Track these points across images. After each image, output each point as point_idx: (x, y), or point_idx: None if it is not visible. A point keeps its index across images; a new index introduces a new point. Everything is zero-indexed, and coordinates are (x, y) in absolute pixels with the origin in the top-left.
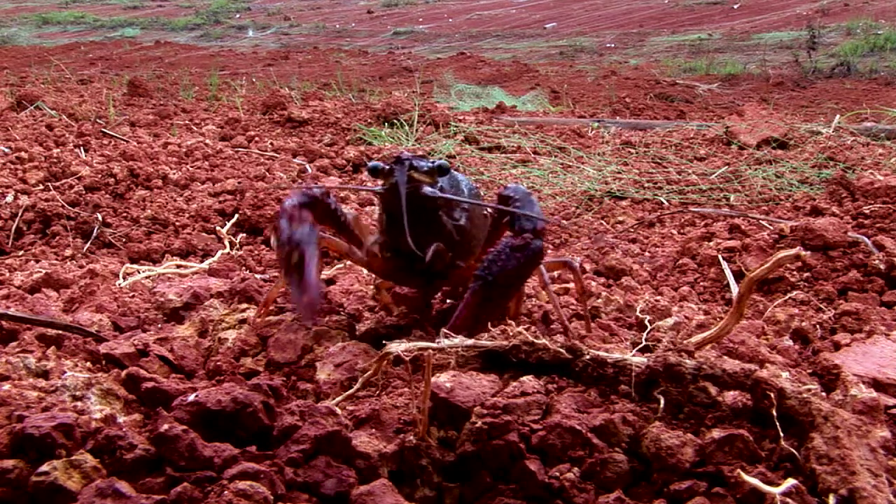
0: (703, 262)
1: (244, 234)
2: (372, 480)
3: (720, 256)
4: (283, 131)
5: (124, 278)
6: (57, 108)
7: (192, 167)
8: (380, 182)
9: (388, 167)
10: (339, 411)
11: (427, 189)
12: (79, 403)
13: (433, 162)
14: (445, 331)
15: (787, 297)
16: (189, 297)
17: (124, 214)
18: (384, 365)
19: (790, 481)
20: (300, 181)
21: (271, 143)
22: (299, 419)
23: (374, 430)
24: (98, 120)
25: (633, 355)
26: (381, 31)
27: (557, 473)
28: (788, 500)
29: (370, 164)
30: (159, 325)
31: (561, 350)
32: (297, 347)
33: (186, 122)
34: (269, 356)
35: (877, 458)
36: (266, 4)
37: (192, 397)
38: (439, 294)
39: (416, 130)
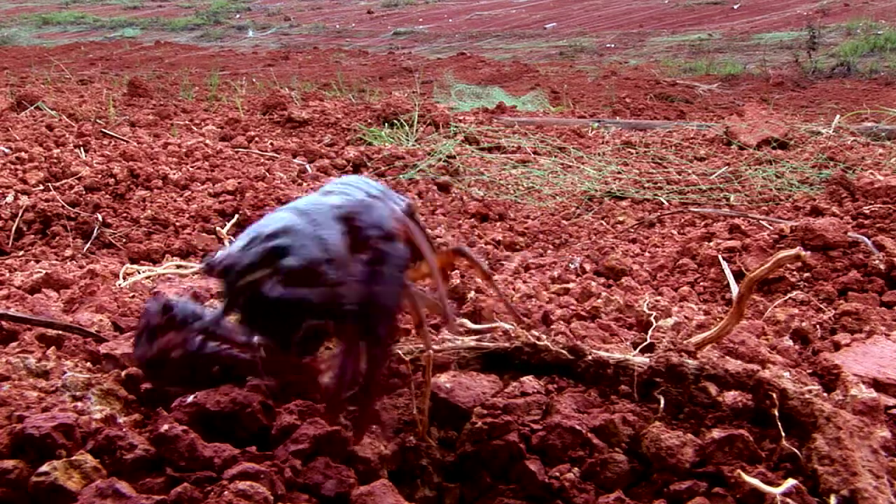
0: (703, 262)
1: None
2: (372, 481)
3: (720, 256)
4: (283, 131)
5: (124, 278)
6: (57, 108)
7: (192, 167)
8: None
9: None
10: None
11: (268, 287)
12: (79, 404)
13: (268, 245)
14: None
15: (787, 297)
16: (189, 298)
17: (124, 215)
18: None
19: (790, 481)
20: (301, 181)
21: (271, 144)
22: (298, 419)
23: (373, 430)
24: (98, 120)
25: (635, 356)
26: (381, 32)
27: (557, 473)
28: (789, 500)
29: (205, 260)
30: None
31: (563, 351)
32: None
33: (186, 122)
34: None
35: (878, 459)
36: (266, 4)
37: (191, 398)
38: None
39: (416, 131)
